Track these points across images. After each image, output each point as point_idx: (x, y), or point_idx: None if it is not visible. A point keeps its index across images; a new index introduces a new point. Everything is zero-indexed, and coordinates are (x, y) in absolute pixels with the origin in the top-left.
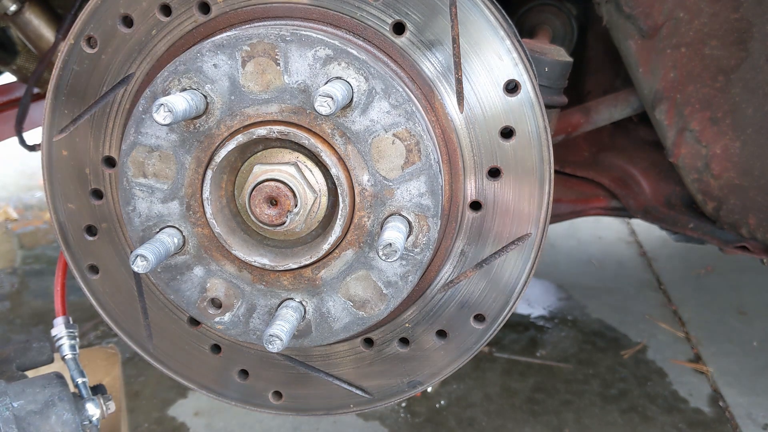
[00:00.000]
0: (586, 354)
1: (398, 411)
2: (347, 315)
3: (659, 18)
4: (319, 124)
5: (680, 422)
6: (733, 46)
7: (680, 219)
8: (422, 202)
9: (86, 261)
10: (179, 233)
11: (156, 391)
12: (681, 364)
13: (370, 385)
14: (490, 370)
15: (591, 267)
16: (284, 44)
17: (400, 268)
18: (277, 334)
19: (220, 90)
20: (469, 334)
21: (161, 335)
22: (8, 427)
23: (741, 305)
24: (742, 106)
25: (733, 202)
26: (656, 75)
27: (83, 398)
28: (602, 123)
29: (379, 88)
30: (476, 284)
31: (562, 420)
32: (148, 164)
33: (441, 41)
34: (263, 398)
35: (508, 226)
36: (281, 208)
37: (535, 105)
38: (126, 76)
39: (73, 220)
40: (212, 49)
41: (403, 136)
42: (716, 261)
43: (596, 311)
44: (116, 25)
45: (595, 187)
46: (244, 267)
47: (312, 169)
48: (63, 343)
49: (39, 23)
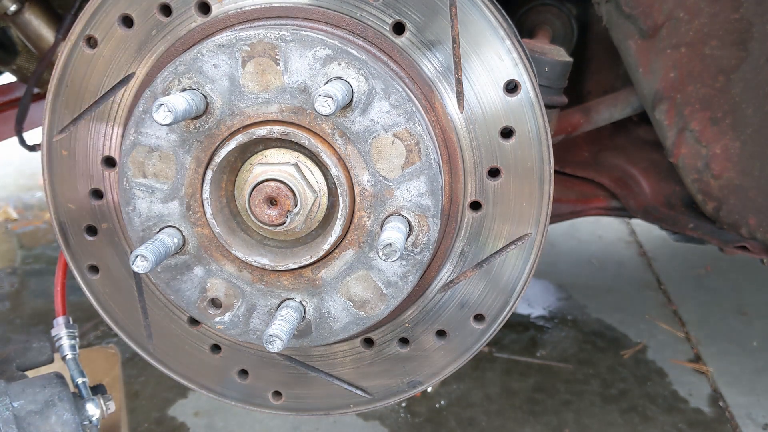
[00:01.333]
0: (586, 354)
1: (398, 411)
2: (347, 315)
3: (659, 18)
4: (319, 124)
5: (680, 422)
6: (733, 46)
7: (680, 219)
8: (422, 202)
9: (86, 261)
10: (179, 233)
11: (156, 391)
12: (681, 364)
13: (370, 385)
14: (490, 370)
15: (591, 267)
16: (284, 44)
17: (400, 268)
18: (277, 334)
19: (220, 90)
20: (469, 334)
21: (161, 335)
22: (8, 427)
23: (741, 305)
24: (742, 106)
25: (733, 202)
26: (656, 75)
27: (83, 398)
28: (602, 123)
29: (379, 88)
30: (476, 284)
31: (562, 420)
32: (148, 164)
33: (441, 41)
34: (263, 398)
35: (508, 226)
36: (281, 208)
37: (535, 105)
38: (126, 76)
39: (73, 220)
40: (212, 49)
41: (403, 136)
42: (716, 261)
43: (596, 311)
44: (116, 25)
45: (595, 187)
46: (244, 267)
47: (312, 169)
48: (63, 343)
49: (39, 23)
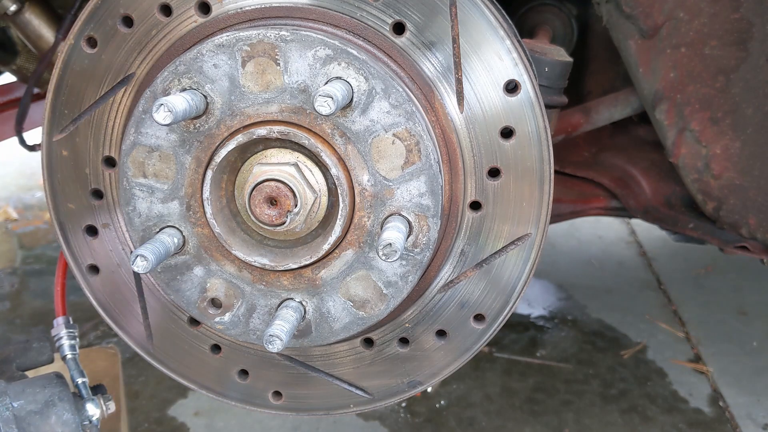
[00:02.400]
0: (586, 354)
1: (398, 411)
2: (347, 315)
3: (659, 18)
4: (319, 124)
5: (680, 422)
6: (733, 46)
7: (680, 219)
8: (422, 202)
9: (86, 261)
10: (179, 233)
11: (156, 391)
12: (681, 364)
13: (370, 385)
14: (490, 370)
15: (591, 267)
16: (284, 44)
17: (400, 268)
18: (277, 334)
19: (220, 90)
20: (469, 334)
21: (161, 335)
22: (8, 427)
23: (741, 305)
24: (742, 106)
25: (733, 202)
26: (656, 75)
27: (83, 398)
28: (602, 123)
29: (379, 88)
30: (476, 284)
31: (562, 420)
32: (148, 164)
33: (441, 41)
34: (263, 398)
35: (508, 226)
36: (281, 208)
37: (535, 105)
38: (126, 76)
39: (73, 220)
40: (212, 49)
41: (403, 136)
42: (716, 261)
43: (596, 311)
44: (116, 25)
45: (595, 187)
46: (244, 267)
47: (312, 169)
48: (63, 343)
49: (39, 23)
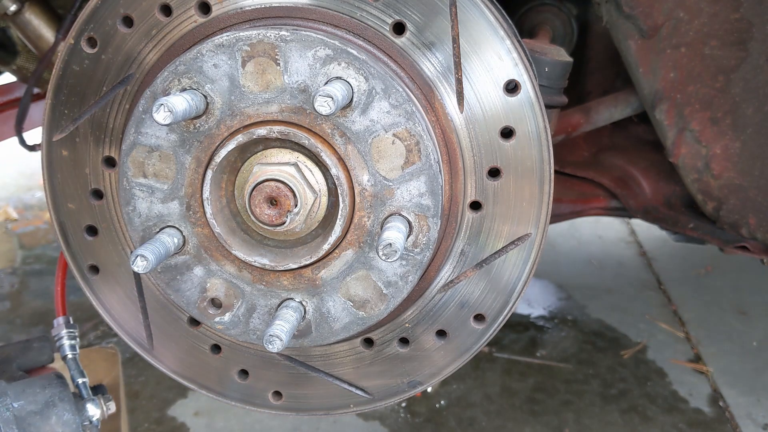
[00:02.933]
0: (586, 354)
1: (398, 411)
2: (347, 315)
3: (659, 18)
4: (319, 124)
5: (680, 422)
6: (733, 46)
7: (680, 219)
8: (422, 202)
9: (86, 261)
10: (179, 233)
11: (156, 391)
12: (681, 364)
13: (370, 385)
14: (490, 370)
15: (591, 267)
16: (284, 44)
17: (400, 268)
18: (277, 334)
19: (220, 90)
20: (469, 334)
21: (161, 335)
22: (8, 428)
23: (741, 305)
24: (742, 106)
25: (733, 202)
26: (656, 75)
27: (83, 398)
28: (602, 123)
29: (379, 88)
30: (476, 284)
31: (562, 420)
32: (148, 164)
33: (441, 41)
34: (263, 398)
35: (508, 226)
36: (281, 208)
37: (535, 105)
38: (126, 76)
39: (73, 220)
40: (212, 49)
41: (403, 136)
42: (716, 261)
43: (596, 311)
44: (116, 25)
45: (595, 187)
46: (244, 267)
47: (312, 169)
48: (63, 343)
49: (39, 23)
